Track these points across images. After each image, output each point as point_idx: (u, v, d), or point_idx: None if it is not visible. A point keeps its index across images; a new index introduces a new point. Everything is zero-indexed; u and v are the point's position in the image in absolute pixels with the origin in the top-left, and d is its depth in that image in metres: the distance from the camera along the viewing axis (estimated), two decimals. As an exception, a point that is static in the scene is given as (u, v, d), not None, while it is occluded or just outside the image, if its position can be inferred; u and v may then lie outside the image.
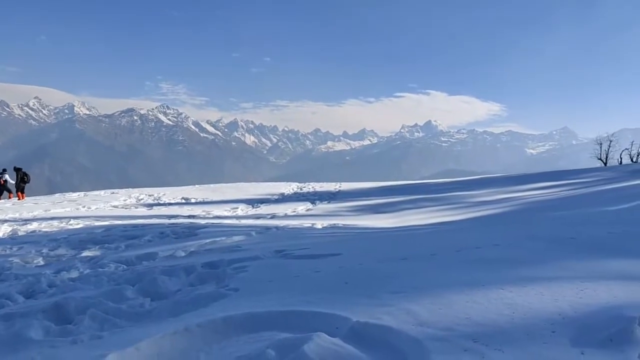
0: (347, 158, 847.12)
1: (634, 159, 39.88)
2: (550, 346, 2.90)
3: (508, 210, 14.04)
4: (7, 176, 24.89)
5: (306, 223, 14.11)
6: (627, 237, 6.19)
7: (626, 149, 40.86)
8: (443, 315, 3.58)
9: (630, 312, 3.11)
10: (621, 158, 40.57)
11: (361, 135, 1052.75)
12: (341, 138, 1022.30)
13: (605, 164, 40.52)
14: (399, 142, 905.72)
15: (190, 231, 11.45)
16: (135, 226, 12.82)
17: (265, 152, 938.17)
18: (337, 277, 5.32)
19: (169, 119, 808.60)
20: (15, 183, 24.96)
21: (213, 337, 3.79)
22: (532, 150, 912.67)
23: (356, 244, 8.77)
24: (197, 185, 32.28)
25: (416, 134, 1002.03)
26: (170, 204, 20.86)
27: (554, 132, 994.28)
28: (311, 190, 29.46)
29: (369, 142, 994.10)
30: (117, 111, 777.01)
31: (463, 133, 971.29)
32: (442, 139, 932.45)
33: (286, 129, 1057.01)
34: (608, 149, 41.55)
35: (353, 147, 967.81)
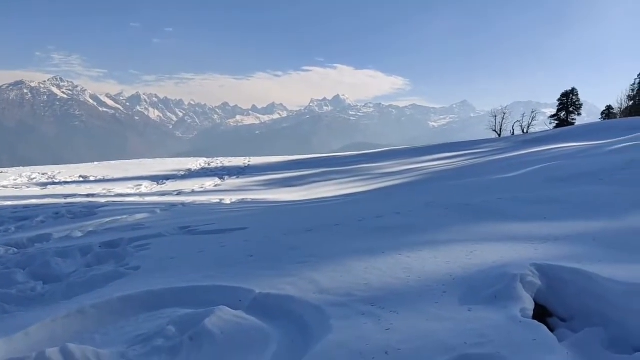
0: (257, 132, 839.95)
1: (525, 130, 43.00)
2: (440, 305, 3.07)
3: (410, 180, 14.63)
4: None
5: (214, 199, 13.90)
6: (515, 202, 6.66)
7: (518, 120, 44.01)
8: (343, 282, 3.68)
9: (514, 270, 3.35)
10: (513, 129, 43.65)
11: (271, 109, 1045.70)
12: (250, 112, 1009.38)
13: (499, 135, 43.35)
14: (308, 116, 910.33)
15: (88, 210, 10.87)
16: (26, 207, 11.97)
17: (171, 127, 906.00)
18: (242, 251, 5.30)
19: (63, 92, 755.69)
20: None
21: (109, 317, 3.64)
22: (434, 123, 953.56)
23: (263, 218, 8.76)
24: (96, 163, 30.66)
25: (325, 107, 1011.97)
26: (66, 182, 19.67)
27: (455, 106, 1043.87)
28: (219, 165, 29.00)
29: (279, 116, 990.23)
30: (5, 84, 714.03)
31: (370, 107, 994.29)
32: (350, 112, 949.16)
33: (192, 102, 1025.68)
34: (502, 121, 44.50)
35: (263, 121, 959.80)
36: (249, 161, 31.62)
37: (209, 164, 29.49)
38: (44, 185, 18.74)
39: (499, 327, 2.66)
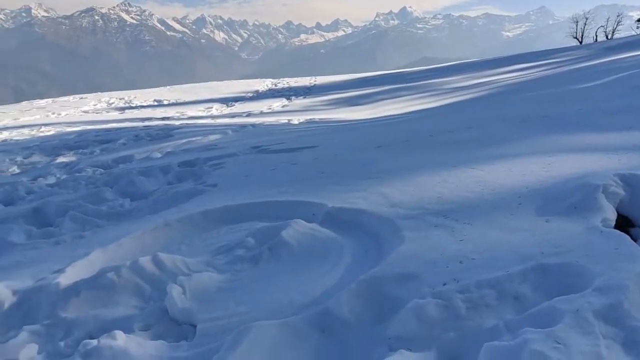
0: (322, 51, 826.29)
1: (609, 36, 39.63)
2: (516, 216, 3.03)
3: (483, 94, 14.06)
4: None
5: (282, 119, 14.02)
6: (597, 112, 6.29)
7: (602, 26, 40.42)
8: (414, 195, 3.69)
9: (595, 180, 3.23)
10: (596, 35, 40.27)
11: (335, 26, 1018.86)
12: (314, 30, 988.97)
13: (580, 42, 40.25)
14: (374, 32, 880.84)
15: (165, 132, 11.32)
16: (108, 130, 12.61)
17: (236, 48, 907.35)
18: (313, 168, 5.39)
19: (132, 18, 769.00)
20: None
21: (193, 230, 3.89)
22: (508, 33, 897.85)
23: (332, 136, 8.79)
24: (168, 87, 31.46)
25: (391, 21, 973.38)
26: (142, 106, 20.41)
27: (531, 13, 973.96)
28: (286, 86, 29.00)
29: (343, 33, 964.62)
30: (77, 11, 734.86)
31: (439, 18, 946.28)
32: (418, 25, 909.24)
33: (257, 22, 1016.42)
34: (584, 27, 41.11)
35: (327, 39, 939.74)
36: (314, 81, 31.39)
37: (275, 85, 29.56)
38: (122, 109, 19.55)
39: (578, 237, 2.61)
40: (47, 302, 2.85)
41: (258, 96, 23.54)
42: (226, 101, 21.25)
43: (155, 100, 22.29)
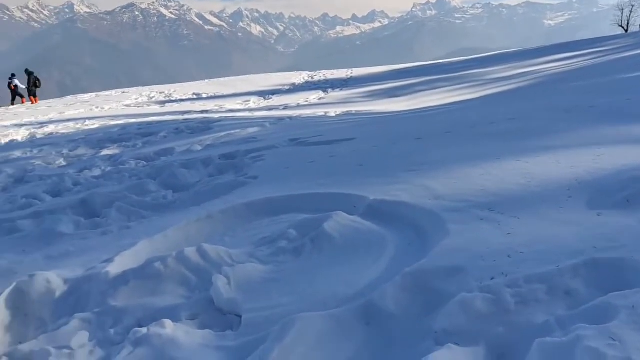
0: (358, 43, 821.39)
1: (658, 24, 38.04)
2: (566, 210, 2.94)
3: (525, 84, 13.71)
4: (17, 81, 24.46)
5: (319, 111, 14.01)
6: (647, 102, 6.06)
7: (649, 13, 38.89)
8: (458, 188, 3.63)
9: (648, 173, 3.11)
10: (644, 23, 38.73)
11: (371, 17, 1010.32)
12: (350, 22, 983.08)
13: (626, 30, 38.81)
14: (411, 23, 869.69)
15: (204, 126, 11.47)
16: (150, 124, 12.86)
17: (272, 41, 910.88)
18: (352, 160, 5.37)
19: (171, 13, 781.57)
20: (28, 87, 24.53)
21: (236, 221, 3.93)
22: (550, 22, 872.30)
23: (370, 128, 8.74)
24: (207, 80, 31.88)
25: (429, 12, 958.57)
26: (182, 100, 20.75)
27: (574, 1, 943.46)
28: (322, 78, 28.96)
29: (380, 25, 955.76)
30: (118, 7, 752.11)
31: (478, 8, 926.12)
32: (456, 15, 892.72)
33: (293, 15, 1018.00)
34: (630, 15, 39.63)
35: (363, 30, 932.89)
36: (351, 73, 31.24)
37: (312, 78, 29.57)
38: (162, 103, 19.91)
39: (632, 231, 2.52)
40: (97, 291, 2.93)
41: (295, 89, 23.60)
42: (263, 94, 21.39)
43: (194, 94, 22.62)
